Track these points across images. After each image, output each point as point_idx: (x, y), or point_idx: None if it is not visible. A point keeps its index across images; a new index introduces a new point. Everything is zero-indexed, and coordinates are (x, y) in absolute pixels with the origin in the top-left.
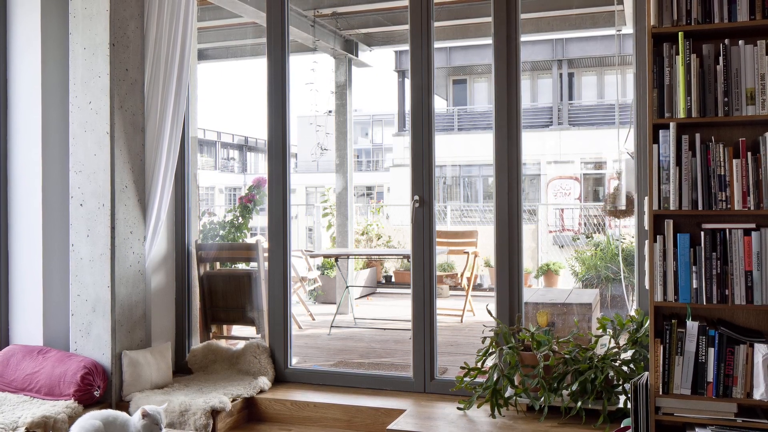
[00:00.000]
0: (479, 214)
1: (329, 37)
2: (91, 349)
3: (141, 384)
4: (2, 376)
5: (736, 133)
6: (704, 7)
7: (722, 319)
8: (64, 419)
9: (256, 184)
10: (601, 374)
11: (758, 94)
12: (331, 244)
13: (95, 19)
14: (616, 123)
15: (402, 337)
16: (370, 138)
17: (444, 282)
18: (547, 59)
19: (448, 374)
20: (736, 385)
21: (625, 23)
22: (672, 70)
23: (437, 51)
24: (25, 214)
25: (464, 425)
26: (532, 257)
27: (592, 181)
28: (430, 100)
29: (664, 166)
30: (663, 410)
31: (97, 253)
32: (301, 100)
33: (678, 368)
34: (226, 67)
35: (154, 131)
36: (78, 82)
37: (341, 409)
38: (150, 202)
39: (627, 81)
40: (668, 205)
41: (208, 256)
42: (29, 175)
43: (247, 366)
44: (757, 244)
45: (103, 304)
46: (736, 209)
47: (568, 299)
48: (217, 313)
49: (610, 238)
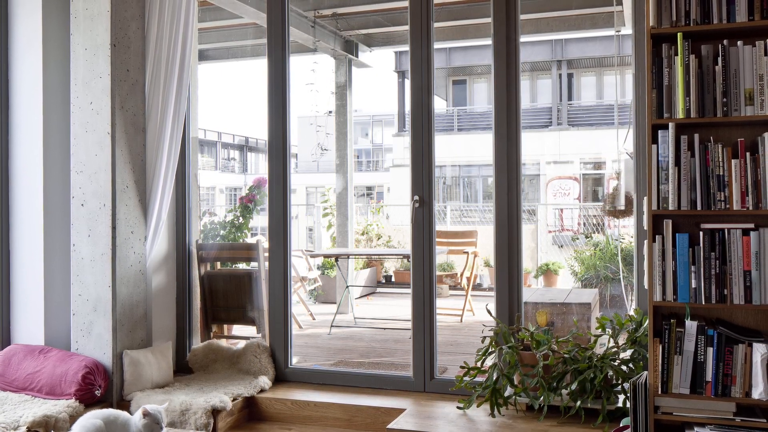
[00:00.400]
0: (479, 214)
1: (329, 38)
2: (92, 349)
3: (142, 383)
4: (4, 376)
5: (734, 134)
6: (703, 7)
7: (721, 318)
8: (65, 418)
9: (256, 184)
10: (600, 374)
11: (757, 95)
12: (331, 244)
13: (96, 20)
14: (616, 123)
15: (402, 336)
16: (370, 138)
17: (444, 282)
18: (547, 60)
19: (448, 374)
20: (735, 385)
21: (624, 24)
22: (671, 70)
23: (437, 51)
24: (26, 214)
25: (464, 424)
26: (532, 257)
27: (591, 181)
28: (429, 100)
29: (663, 166)
30: (662, 409)
31: (98, 253)
32: (302, 100)
33: (677, 368)
34: (226, 68)
35: (155, 131)
36: (79, 83)
37: (341, 409)
38: (151, 202)
39: (626, 81)
40: (667, 205)
41: (209, 255)
42: (31, 175)
43: (247, 365)
44: (756, 244)
45: (104, 304)
46: (734, 209)
47: (568, 299)
48: (217, 313)
49: (609, 238)
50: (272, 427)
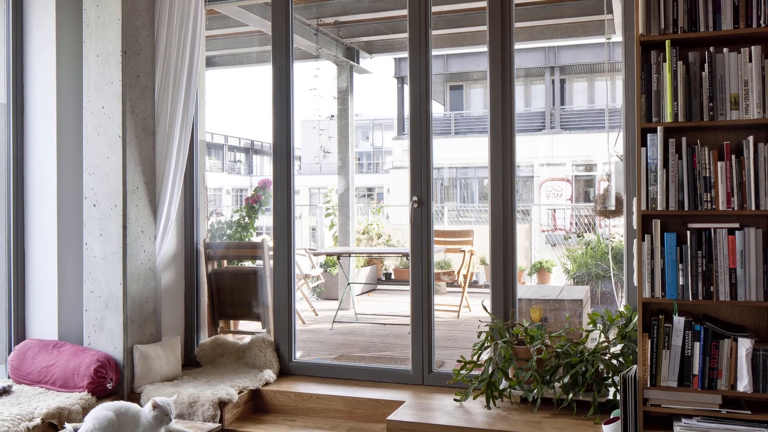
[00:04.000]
0: (475, 214)
1: (332, 45)
2: (103, 343)
3: (152, 377)
4: (19, 369)
5: (720, 137)
6: (690, 16)
7: (707, 314)
8: (78, 410)
9: (261, 186)
10: (592, 367)
11: (741, 100)
12: (333, 242)
13: (108, 28)
14: (606, 127)
15: (401, 331)
16: (371, 141)
17: (441, 279)
18: (540, 66)
19: (445, 367)
20: (721, 378)
21: (614, 32)
22: (659, 76)
23: (435, 58)
24: (40, 214)
25: (461, 416)
26: (526, 255)
27: (582, 182)
28: (428, 105)
29: (652, 168)
30: (651, 401)
31: (110, 252)
32: (305, 105)
33: (665, 362)
34: (233, 74)
35: (164, 135)
36: (91, 88)
37: (343, 401)
38: (160, 203)
39: (616, 87)
40: (656, 205)
41: (216, 254)
42: (45, 176)
43: (253, 359)
44: (741, 243)
45: (116, 301)
46: (720, 209)
47: (560, 296)
48: (224, 309)
49: (600, 237)
50: (276, 418)
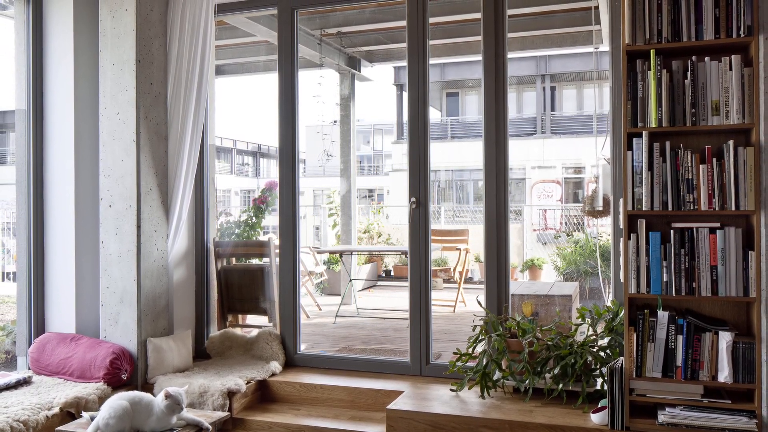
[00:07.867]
0: (470, 214)
1: (334, 54)
2: (119, 337)
3: (164, 368)
4: (39, 361)
5: (702, 141)
6: (674, 27)
7: (690, 309)
8: (94, 400)
9: (268, 187)
10: (581, 359)
11: (722, 106)
12: (336, 241)
13: (123, 38)
14: (594, 132)
15: (400, 325)
16: (372, 145)
17: (438, 275)
18: (532, 74)
19: (442, 359)
20: (703, 369)
21: (602, 42)
22: (644, 84)
23: (432, 67)
24: (59, 214)
25: (456, 405)
26: (518, 253)
27: (572, 184)
28: (425, 111)
29: (638, 170)
30: (636, 392)
31: (125, 250)
32: (309, 111)
33: (650, 354)
34: (241, 82)
35: (176, 139)
36: (107, 95)
37: (345, 391)
38: (172, 204)
39: (604, 94)
40: (641, 206)
41: (225, 252)
42: (63, 179)
43: (260, 352)
44: (722, 242)
45: (130, 296)
46: (702, 210)
47: (551, 291)
48: (233, 304)
49: (588, 236)
50: (282, 407)
